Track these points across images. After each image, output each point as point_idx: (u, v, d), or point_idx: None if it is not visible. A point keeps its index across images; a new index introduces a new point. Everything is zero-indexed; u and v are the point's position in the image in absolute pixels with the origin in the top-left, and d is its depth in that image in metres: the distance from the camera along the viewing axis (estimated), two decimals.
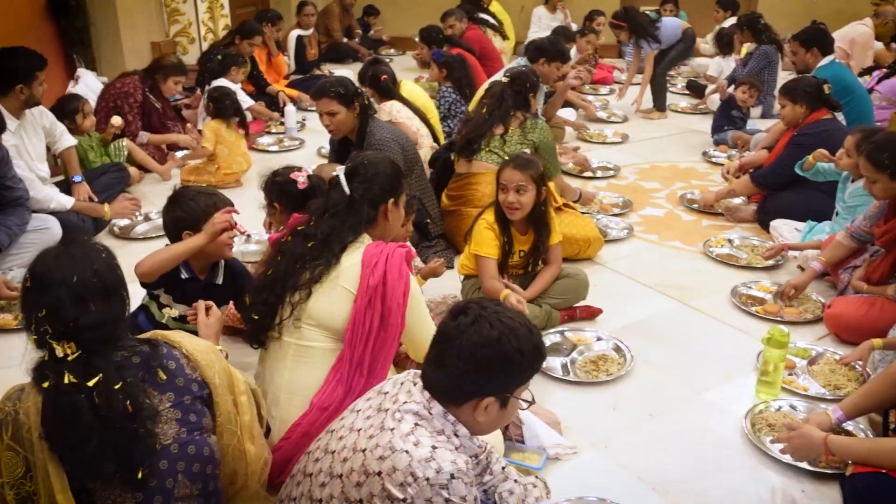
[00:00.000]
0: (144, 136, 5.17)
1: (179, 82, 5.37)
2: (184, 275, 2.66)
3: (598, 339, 3.17)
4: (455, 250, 3.96)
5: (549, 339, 3.15)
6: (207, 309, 2.36)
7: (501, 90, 4.13)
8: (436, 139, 4.71)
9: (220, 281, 2.74)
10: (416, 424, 1.61)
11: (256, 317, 2.29)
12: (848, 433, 2.54)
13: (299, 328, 2.24)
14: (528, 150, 3.82)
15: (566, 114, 6.41)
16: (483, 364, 1.60)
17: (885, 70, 6.19)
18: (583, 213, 4.30)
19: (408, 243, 2.88)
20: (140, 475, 1.54)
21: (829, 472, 2.38)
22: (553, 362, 3.01)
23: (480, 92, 4.98)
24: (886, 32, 7.08)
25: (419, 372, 1.73)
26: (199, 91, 5.97)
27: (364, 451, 1.60)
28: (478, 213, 3.29)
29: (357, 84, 4.05)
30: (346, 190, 2.34)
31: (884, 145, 3.07)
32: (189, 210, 2.63)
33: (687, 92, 7.66)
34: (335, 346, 2.24)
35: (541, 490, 2.11)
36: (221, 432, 1.73)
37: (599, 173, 5.33)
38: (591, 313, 3.38)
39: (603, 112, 6.94)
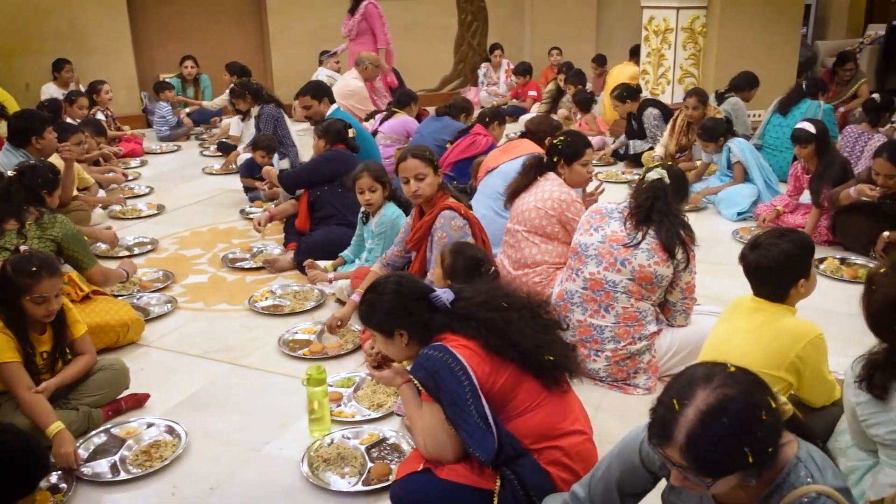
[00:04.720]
0: None
1: None
2: None
3: (149, 425, 3.00)
4: None
5: (93, 441, 2.90)
6: None
7: (8, 183, 3.77)
8: None
9: None
10: None
11: None
12: None
13: None
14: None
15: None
16: None
17: (384, 113, 7.05)
18: (117, 296, 4.07)
19: None
20: None
21: (382, 486, 2.58)
22: (100, 467, 2.76)
23: None
24: (370, 76, 8.04)
25: None
26: None
27: None
28: None
29: None
30: None
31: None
32: None
33: (219, 153, 7.76)
34: None
35: None
36: None
37: (137, 250, 5.09)
38: (138, 401, 3.18)
39: (135, 183, 6.81)
